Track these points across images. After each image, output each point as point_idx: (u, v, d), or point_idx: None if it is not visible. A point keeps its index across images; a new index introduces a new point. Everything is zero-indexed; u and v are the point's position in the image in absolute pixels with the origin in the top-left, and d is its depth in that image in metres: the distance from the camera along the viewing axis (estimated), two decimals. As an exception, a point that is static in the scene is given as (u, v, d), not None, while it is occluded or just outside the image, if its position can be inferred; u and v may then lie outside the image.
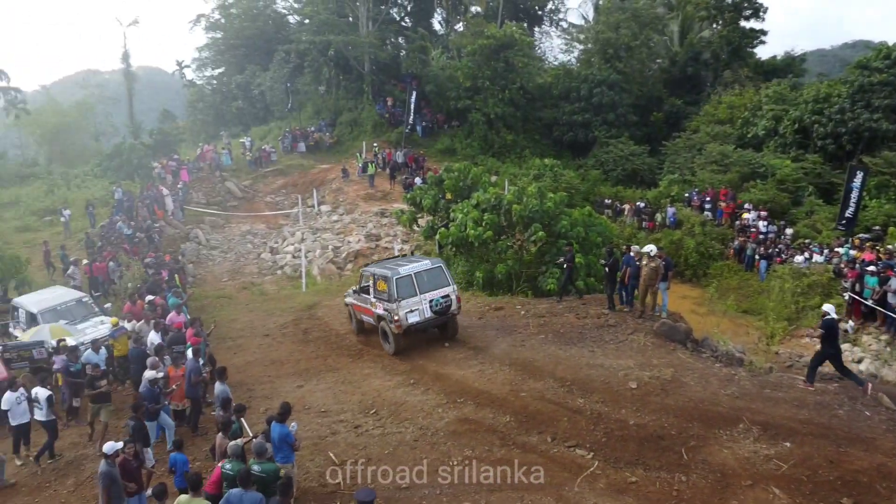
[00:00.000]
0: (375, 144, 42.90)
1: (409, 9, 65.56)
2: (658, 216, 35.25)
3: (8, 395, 12.20)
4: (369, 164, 37.64)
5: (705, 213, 33.40)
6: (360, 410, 12.49)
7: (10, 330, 17.75)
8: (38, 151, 62.88)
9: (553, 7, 66.38)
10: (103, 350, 14.34)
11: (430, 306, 15.17)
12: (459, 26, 68.28)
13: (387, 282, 15.20)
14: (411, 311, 15.03)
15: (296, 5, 66.19)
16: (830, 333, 12.15)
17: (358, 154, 41.61)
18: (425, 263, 15.89)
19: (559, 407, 11.86)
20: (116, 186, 31.92)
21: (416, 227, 24.35)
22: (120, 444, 9.45)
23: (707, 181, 35.95)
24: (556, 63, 62.50)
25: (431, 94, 48.01)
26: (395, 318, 14.91)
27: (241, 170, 42.13)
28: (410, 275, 15.22)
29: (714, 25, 52.33)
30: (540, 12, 65.85)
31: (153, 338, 14.48)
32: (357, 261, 26.19)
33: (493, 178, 34.17)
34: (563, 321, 15.93)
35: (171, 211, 31.32)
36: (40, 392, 12.47)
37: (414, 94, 43.33)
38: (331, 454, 10.84)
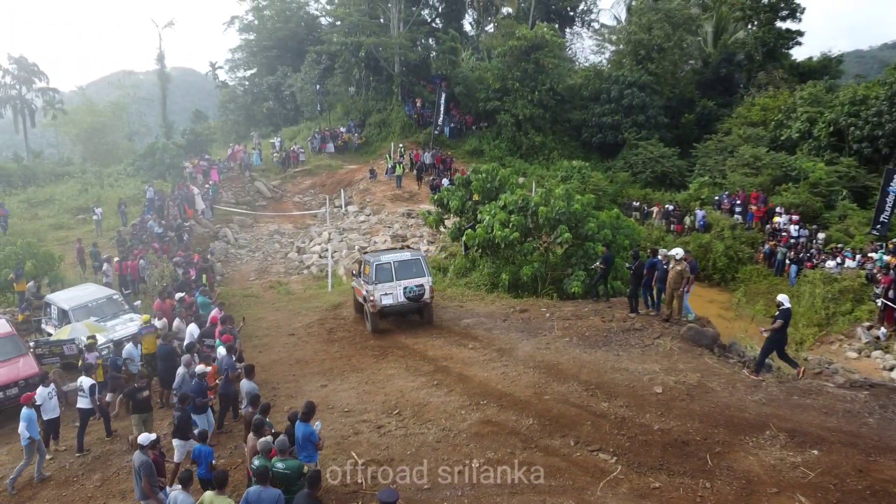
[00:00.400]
0: (401, 145, 43.04)
1: (440, 10, 65.83)
2: (687, 219, 34.87)
3: (41, 389, 12.47)
4: (397, 165, 37.76)
5: (735, 216, 32.92)
6: (384, 411, 12.52)
7: (43, 326, 18.16)
8: (73, 150, 64.34)
9: (585, 8, 66.17)
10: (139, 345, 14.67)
11: (404, 292, 17.00)
12: (490, 27, 68.45)
13: (369, 267, 17.20)
14: (386, 294, 17.01)
15: (328, 7, 66.83)
16: (787, 323, 13.06)
17: (388, 155, 41.76)
18: (406, 254, 17.89)
19: (583, 410, 11.77)
20: (148, 185, 32.47)
21: (442, 229, 24.35)
22: (154, 436, 9.67)
23: (738, 184, 35.46)
24: (586, 64, 62.25)
25: (460, 95, 48.06)
26: (371, 298, 16.96)
27: (270, 170, 42.61)
28: (390, 262, 17.23)
29: (749, 26, 51.63)
30: (572, 13, 65.64)
31: (192, 330, 14.86)
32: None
33: (521, 180, 34.17)
34: (588, 324, 15.82)
35: (201, 210, 31.77)
36: (84, 381, 12.86)
37: (443, 95, 43.41)
38: (353, 454, 10.88)
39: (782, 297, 13.09)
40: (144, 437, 9.45)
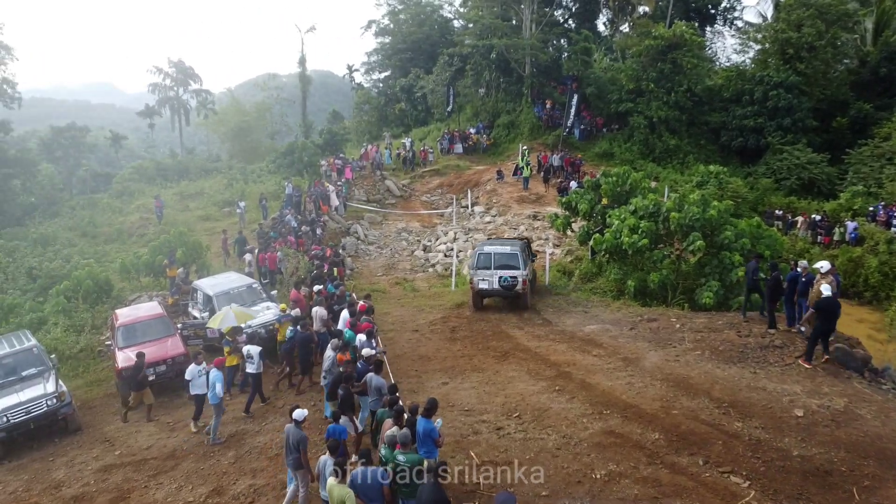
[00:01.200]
0: (524, 147, 42.71)
1: (573, 10, 64.92)
2: (836, 231, 32.35)
3: (192, 366, 13.47)
4: (524, 167, 37.58)
5: (893, 229, 30.09)
6: (503, 413, 12.44)
7: (190, 309, 19.57)
8: (221, 148, 69.09)
9: (728, 5, 62.93)
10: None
11: (499, 280, 19.29)
12: (625, 27, 66.67)
13: (473, 255, 20.03)
14: (483, 280, 19.55)
15: (461, 10, 67.70)
16: (828, 312, 12.99)
17: (521, 154, 41.51)
18: (506, 248, 19.91)
19: (714, 429, 11.14)
20: (287, 182, 34.21)
21: (569, 232, 23.90)
22: (306, 412, 10.43)
23: (897, 194, 32.45)
24: (726, 64, 59.19)
25: (592, 96, 47.16)
26: (471, 281, 19.79)
27: (400, 169, 43.70)
28: (491, 253, 19.64)
29: (916, 22, 47.14)
30: (713, 11, 62.62)
31: (321, 313, 15.81)
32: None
33: (653, 184, 33.05)
34: (722, 338, 14.95)
35: (335, 206, 33.05)
36: (252, 349, 14.36)
37: (575, 96, 42.73)
38: (472, 453, 10.90)
39: (824, 288, 12.64)
40: (299, 413, 10.12)
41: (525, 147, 42.86)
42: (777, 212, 36.81)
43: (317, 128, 67.04)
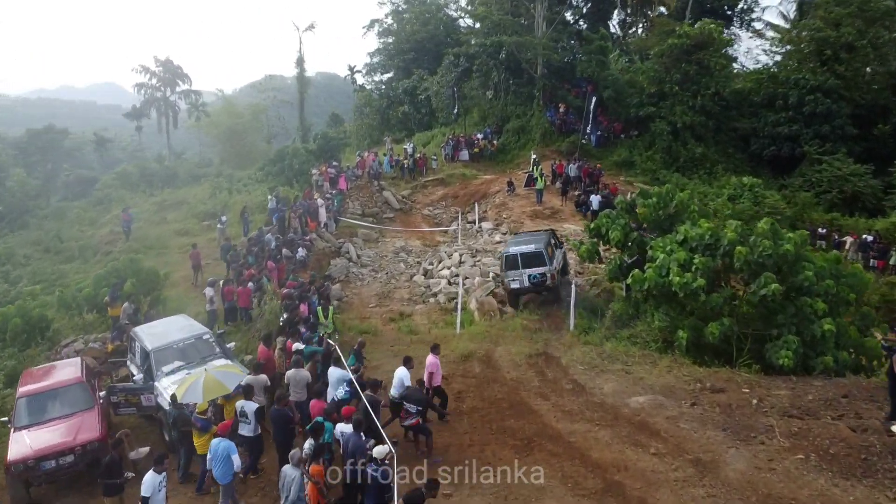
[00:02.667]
0: (534, 155, 38.81)
1: (584, 11, 61.07)
2: (892, 254, 28.52)
3: (150, 476, 9.44)
4: (538, 178, 33.64)
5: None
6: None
7: (128, 363, 15.66)
8: (213, 151, 65.33)
9: (745, 6, 58.97)
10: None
11: (529, 279, 20.39)
12: (638, 29, 62.95)
13: (500, 256, 21.61)
14: (513, 280, 20.76)
15: (468, 7, 64.10)
16: None
17: (532, 164, 37.49)
18: (531, 247, 20.73)
19: None
20: (272, 193, 30.36)
21: (598, 263, 19.92)
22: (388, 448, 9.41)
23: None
24: (746, 67, 55.22)
25: (609, 100, 43.30)
26: (503, 282, 21.41)
27: (401, 178, 39.85)
28: (516, 254, 20.62)
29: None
30: (729, 12, 58.66)
31: (299, 377, 12.72)
32: (516, 305, 22.38)
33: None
34: (828, 432, 10.84)
35: (324, 222, 29.22)
36: (247, 405, 11.56)
37: (594, 99, 38.78)
38: None
39: None
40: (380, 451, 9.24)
41: (535, 155, 38.94)
42: (820, 230, 32.89)
43: (317, 131, 63.45)
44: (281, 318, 16.47)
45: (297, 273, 22.24)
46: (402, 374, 12.73)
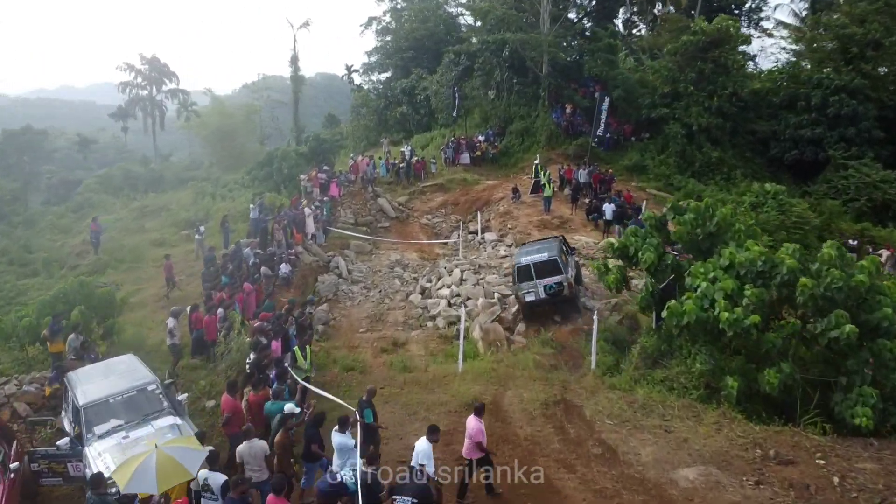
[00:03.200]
0: (537, 161, 36.16)
1: (588, 10, 58.35)
2: (937, 270, 26.00)
3: None
4: (546, 184, 30.98)
5: None
6: None
7: (62, 414, 12.95)
8: (203, 153, 62.63)
9: (753, 5, 56.33)
10: None
11: (545, 289, 18.78)
12: (642, 30, 60.39)
13: (512, 268, 19.90)
14: (528, 293, 19.07)
15: (469, 3, 61.41)
16: None
17: (535, 169, 34.83)
18: (543, 255, 19.26)
19: None
20: (256, 201, 27.68)
21: (625, 290, 17.11)
22: None
23: None
24: (758, 67, 52.56)
25: (619, 100, 40.62)
26: (517, 295, 19.57)
27: (397, 183, 37.20)
28: (529, 264, 19.08)
29: None
30: (737, 11, 56.02)
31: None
32: (532, 319, 19.61)
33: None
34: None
35: (312, 234, 26.57)
36: (212, 478, 9.17)
37: (606, 100, 36.10)
38: None
39: None
40: None
41: (538, 161, 36.27)
42: (850, 241, 30.29)
43: (312, 132, 60.73)
44: (248, 360, 13.76)
45: (275, 296, 19.59)
46: (423, 449, 9.65)
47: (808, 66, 43.21)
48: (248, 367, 13.42)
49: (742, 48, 42.96)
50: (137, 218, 35.95)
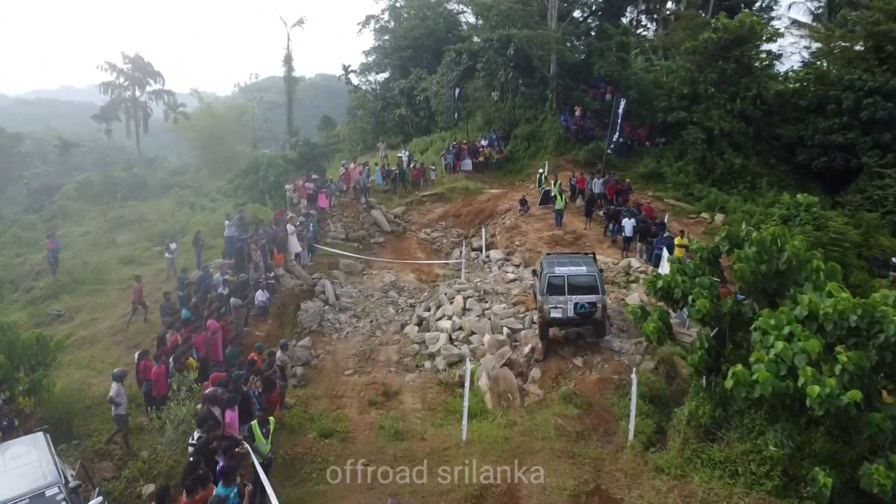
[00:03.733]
0: (541, 170, 33.21)
1: (593, 8, 55.26)
2: None
3: None
4: (558, 196, 27.97)
5: None
6: None
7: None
8: (191, 157, 59.59)
9: (764, 4, 53.32)
10: None
11: (575, 308, 16.34)
12: (650, 31, 57.57)
13: (541, 277, 17.04)
14: (555, 308, 16.47)
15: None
16: None
17: (540, 178, 31.93)
18: (581, 269, 17.03)
19: None
20: (231, 217, 24.51)
21: (666, 340, 13.83)
22: None
23: None
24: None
25: (632, 103, 37.56)
26: (541, 309, 16.70)
27: (393, 191, 34.19)
28: (563, 276, 16.68)
29: None
30: (747, 9, 53.09)
31: None
32: (549, 363, 16.54)
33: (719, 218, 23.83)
34: None
35: (295, 253, 23.55)
36: None
37: (623, 102, 33.05)
38: None
39: None
40: None
41: (542, 170, 33.29)
42: (894, 260, 27.50)
43: (308, 135, 57.69)
44: (192, 439, 10.66)
45: (245, 336, 16.59)
46: None
47: (826, 66, 40.23)
48: (190, 454, 10.31)
49: (766, 47, 40.11)
50: (110, 230, 32.94)
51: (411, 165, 36.14)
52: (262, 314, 19.79)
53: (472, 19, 61.11)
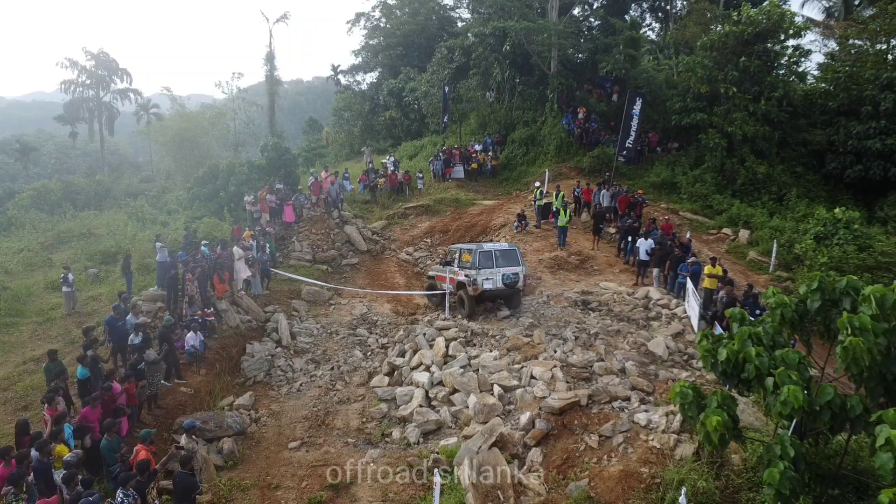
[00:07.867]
0: (537, 183, 29.22)
1: (594, 6, 51.42)
2: None
3: None
4: (561, 210, 23.93)
5: None
6: None
7: None
8: (163, 162, 55.40)
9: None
10: None
11: (502, 278, 18.84)
12: (654, 27, 53.88)
13: (471, 254, 19.22)
14: (487, 279, 18.76)
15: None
16: None
17: (537, 192, 27.97)
18: (504, 245, 20.14)
19: None
20: (161, 240, 20.11)
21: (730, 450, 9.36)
22: None
23: None
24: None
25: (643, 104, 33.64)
26: (473, 282, 18.62)
27: (374, 202, 30.14)
28: (492, 251, 19.23)
29: None
30: (754, 9, 49.31)
31: None
32: (553, 441, 12.50)
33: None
34: None
35: (243, 282, 19.45)
36: None
37: (638, 102, 29.03)
38: None
39: None
40: None
41: (538, 183, 29.28)
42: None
43: (294, 139, 53.83)
44: None
45: (159, 398, 12.47)
46: None
47: (859, 65, 36.25)
48: None
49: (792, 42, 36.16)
50: (50, 246, 28.83)
51: (397, 173, 32.14)
52: (195, 362, 15.72)
53: (466, 15, 57.68)
